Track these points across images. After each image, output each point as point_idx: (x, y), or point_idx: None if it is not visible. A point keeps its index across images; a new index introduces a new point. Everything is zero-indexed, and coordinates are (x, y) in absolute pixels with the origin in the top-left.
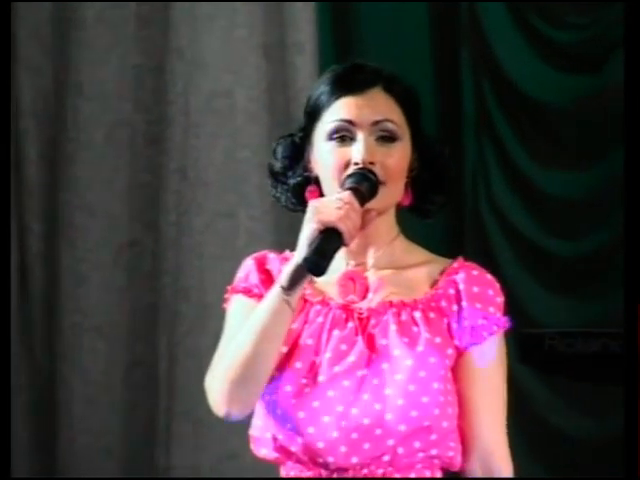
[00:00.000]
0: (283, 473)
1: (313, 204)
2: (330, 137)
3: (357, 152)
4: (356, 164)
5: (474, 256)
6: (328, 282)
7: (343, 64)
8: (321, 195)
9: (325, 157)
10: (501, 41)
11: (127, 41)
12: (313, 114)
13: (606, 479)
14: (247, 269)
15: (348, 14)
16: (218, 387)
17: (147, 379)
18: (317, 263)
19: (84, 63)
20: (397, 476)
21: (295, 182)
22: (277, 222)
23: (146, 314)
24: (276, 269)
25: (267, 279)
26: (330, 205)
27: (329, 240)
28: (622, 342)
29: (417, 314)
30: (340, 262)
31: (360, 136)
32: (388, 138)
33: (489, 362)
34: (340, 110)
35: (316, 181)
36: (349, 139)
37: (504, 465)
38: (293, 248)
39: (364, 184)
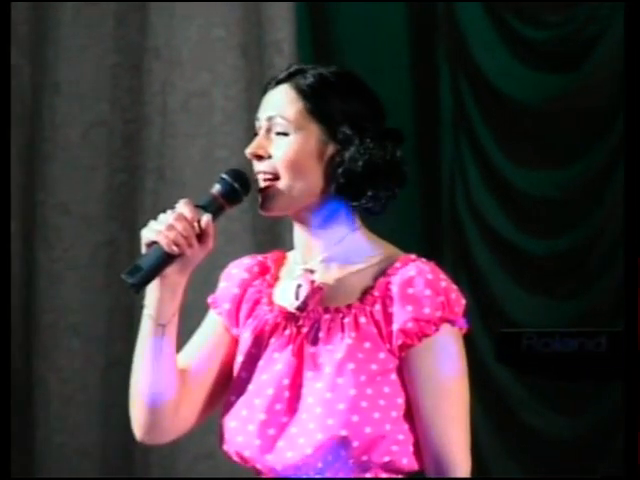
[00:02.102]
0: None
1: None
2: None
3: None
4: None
5: (452, 255)
6: (287, 289)
7: None
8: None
9: None
10: (478, 40)
11: (104, 41)
12: None
13: (606, 478)
14: (221, 279)
15: (326, 13)
16: (131, 415)
17: (124, 379)
18: (128, 280)
19: (61, 63)
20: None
21: None
22: (254, 222)
23: (123, 314)
24: (237, 277)
25: (227, 289)
26: (159, 219)
27: (149, 255)
28: (599, 341)
29: (347, 320)
30: (295, 267)
31: (260, 131)
32: (282, 132)
33: (432, 363)
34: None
35: None
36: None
37: (458, 465)
38: (271, 248)
39: (220, 189)
